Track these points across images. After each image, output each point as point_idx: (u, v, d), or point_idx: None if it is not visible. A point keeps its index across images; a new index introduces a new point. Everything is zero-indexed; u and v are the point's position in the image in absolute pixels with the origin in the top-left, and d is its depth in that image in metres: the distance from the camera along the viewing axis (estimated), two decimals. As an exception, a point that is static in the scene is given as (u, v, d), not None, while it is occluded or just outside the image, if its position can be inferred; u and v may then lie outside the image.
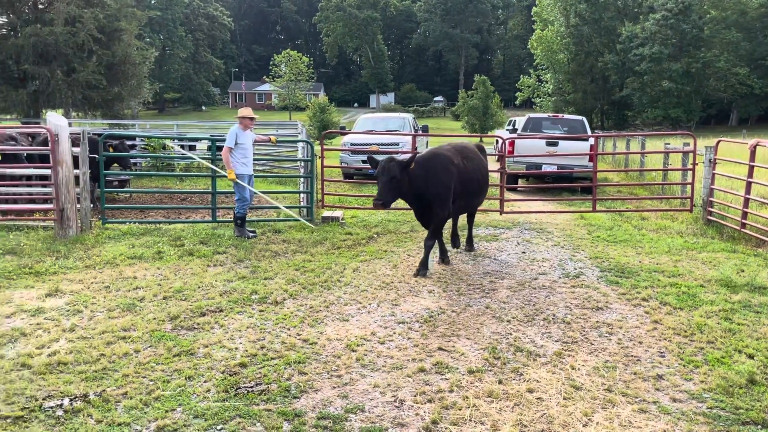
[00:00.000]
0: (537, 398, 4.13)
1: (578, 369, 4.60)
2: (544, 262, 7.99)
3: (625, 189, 15.19)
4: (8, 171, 9.76)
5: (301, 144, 13.67)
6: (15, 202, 10.18)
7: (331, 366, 4.60)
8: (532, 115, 17.72)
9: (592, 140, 14.41)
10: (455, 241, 8.57)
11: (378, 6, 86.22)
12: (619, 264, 7.78)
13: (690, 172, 11.26)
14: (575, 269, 7.58)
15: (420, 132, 18.03)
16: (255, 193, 9.50)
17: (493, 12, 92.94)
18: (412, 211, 10.99)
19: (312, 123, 37.42)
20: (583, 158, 14.37)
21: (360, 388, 4.24)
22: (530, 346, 5.03)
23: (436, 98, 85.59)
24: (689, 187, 11.36)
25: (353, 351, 4.88)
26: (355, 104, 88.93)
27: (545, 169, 14.55)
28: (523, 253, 8.52)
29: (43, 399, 4.02)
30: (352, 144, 16.71)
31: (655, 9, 53.99)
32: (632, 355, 4.90)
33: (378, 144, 16.12)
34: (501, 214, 11.45)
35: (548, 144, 14.70)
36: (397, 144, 16.19)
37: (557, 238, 9.51)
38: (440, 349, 4.95)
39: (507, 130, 22.11)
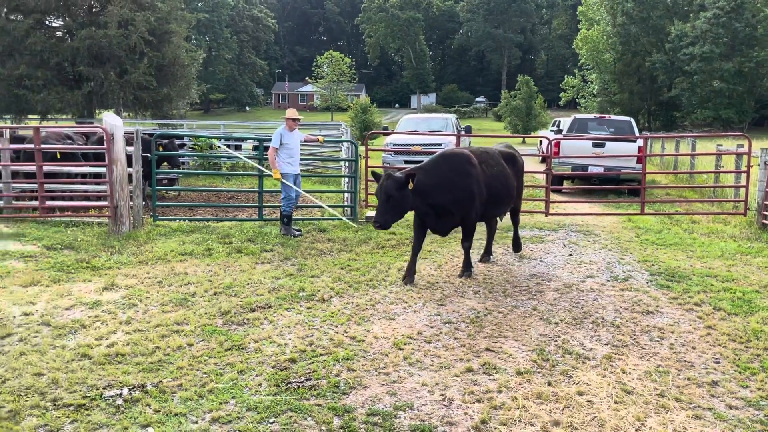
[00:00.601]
0: (587, 401, 4.08)
1: (629, 373, 4.53)
2: (591, 264, 7.87)
3: (675, 192, 14.82)
4: (65, 168, 10.14)
5: (345, 144, 13.79)
6: (71, 198, 10.56)
7: (378, 363, 4.64)
8: (578, 115, 17.47)
9: (640, 141, 14.12)
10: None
11: (420, 6, 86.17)
12: (669, 268, 7.61)
13: (744, 175, 10.92)
14: (624, 272, 7.45)
15: (463, 132, 17.95)
16: (300, 192, 9.63)
17: (537, 11, 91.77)
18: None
19: (353, 123, 37.65)
20: (631, 160, 14.09)
21: (408, 386, 4.27)
22: (579, 349, 4.97)
23: (477, 99, 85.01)
24: (743, 190, 11.02)
25: (400, 349, 4.92)
26: (396, 105, 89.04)
27: (591, 170, 14.32)
28: (570, 255, 8.42)
29: (104, 388, 4.17)
30: (394, 144, 16.78)
31: (706, 7, 52.45)
32: (685, 361, 4.80)
33: (420, 144, 16.13)
34: (546, 216, 11.32)
35: (595, 145, 14.47)
36: (440, 144, 16.16)
37: (604, 241, 9.35)
38: (487, 349, 4.94)
39: (552, 131, 21.83)
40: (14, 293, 6.22)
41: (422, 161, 15.89)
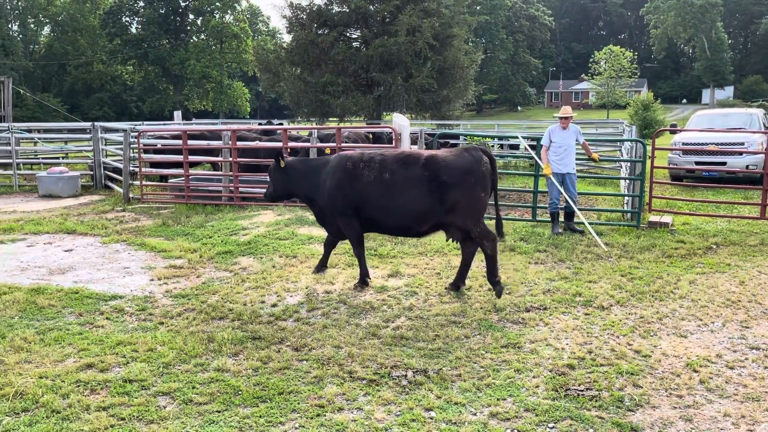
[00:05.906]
0: None
1: None
2: None
3: None
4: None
5: (627, 144, 12.90)
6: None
7: (669, 383, 4.22)
8: None
9: None
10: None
11: (721, -11, 76.53)
12: None
13: None
14: None
15: (773, 130, 15.43)
16: (568, 193, 9.25)
17: None
18: (761, 222, 9.55)
19: (632, 121, 35.02)
20: None
21: (706, 414, 3.80)
22: None
23: (789, 91, 72.52)
24: None
25: (695, 371, 4.40)
26: (684, 100, 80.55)
27: None
28: None
29: (391, 368, 4.51)
30: (684, 143, 15.14)
31: None
32: None
33: (716, 144, 14.31)
34: None
35: None
36: (742, 143, 14.15)
37: None
38: (810, 387, 4.15)
39: None
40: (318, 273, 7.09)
41: (721, 162, 13.99)
